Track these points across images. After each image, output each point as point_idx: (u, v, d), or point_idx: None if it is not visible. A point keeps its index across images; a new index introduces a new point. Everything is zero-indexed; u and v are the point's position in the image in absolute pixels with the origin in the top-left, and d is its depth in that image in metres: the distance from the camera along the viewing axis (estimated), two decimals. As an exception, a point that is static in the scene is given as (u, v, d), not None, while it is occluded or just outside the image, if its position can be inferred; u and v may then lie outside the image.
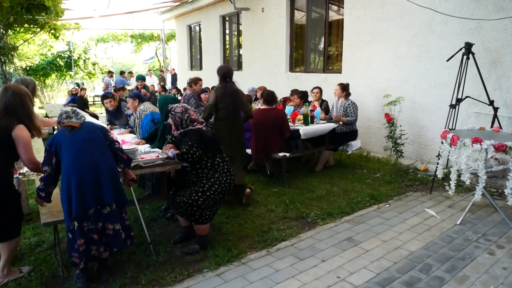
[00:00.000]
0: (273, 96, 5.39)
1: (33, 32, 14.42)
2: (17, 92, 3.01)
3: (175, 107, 3.60)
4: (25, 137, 2.96)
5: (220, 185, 3.54)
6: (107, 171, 2.98)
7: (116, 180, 3.04)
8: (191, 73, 14.83)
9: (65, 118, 3.06)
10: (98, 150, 3.02)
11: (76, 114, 3.08)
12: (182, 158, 3.47)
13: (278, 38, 9.37)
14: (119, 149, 3.14)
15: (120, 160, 3.14)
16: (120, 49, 22.91)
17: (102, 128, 3.17)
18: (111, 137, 3.18)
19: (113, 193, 2.99)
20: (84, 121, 3.10)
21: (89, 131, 3.07)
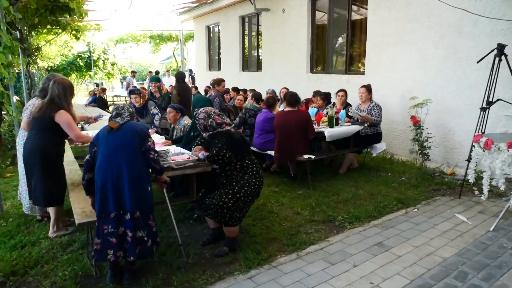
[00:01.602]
0: (297, 97, 5.36)
1: (55, 33, 14.65)
2: (60, 84, 3.67)
3: (198, 112, 3.61)
4: (67, 119, 3.65)
5: (250, 187, 3.53)
6: (131, 179, 2.98)
7: (139, 188, 3.01)
8: (210, 74, 14.89)
9: (112, 116, 3.13)
10: (126, 156, 3.01)
11: (122, 113, 3.11)
12: (212, 160, 3.47)
13: (298, 39, 9.33)
14: (153, 160, 3.08)
15: (153, 170, 3.13)
16: (138, 49, 23.16)
17: (142, 133, 3.10)
18: (148, 145, 3.09)
19: (135, 202, 3.00)
20: (126, 122, 3.11)
21: (125, 135, 3.06)
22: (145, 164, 3.08)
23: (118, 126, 3.10)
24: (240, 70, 12.46)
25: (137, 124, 3.20)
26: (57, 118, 3.63)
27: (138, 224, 3.03)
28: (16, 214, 4.59)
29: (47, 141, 3.71)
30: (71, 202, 3.59)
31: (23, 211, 4.65)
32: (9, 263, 3.38)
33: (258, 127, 5.91)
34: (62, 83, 3.71)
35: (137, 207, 3.02)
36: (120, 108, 3.16)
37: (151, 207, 3.11)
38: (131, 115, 3.19)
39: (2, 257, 3.49)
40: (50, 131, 3.70)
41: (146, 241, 3.05)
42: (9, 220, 4.36)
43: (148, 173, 3.11)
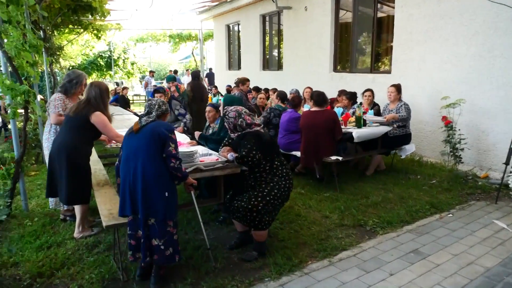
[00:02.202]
0: (324, 97, 5.20)
1: (77, 32, 14.79)
2: (97, 87, 3.76)
3: (229, 111, 3.49)
4: (103, 120, 3.73)
5: (280, 189, 3.40)
6: (144, 185, 2.88)
7: (153, 195, 2.89)
8: (229, 73, 14.82)
9: (141, 115, 3.05)
10: (142, 161, 2.90)
11: (150, 111, 3.02)
12: (241, 162, 3.35)
13: (322, 37, 9.15)
14: (173, 168, 2.91)
15: (174, 178, 2.99)
16: (157, 49, 23.28)
17: (162, 137, 2.92)
18: (169, 151, 2.90)
19: (147, 209, 2.89)
20: (149, 123, 3.01)
21: (143, 138, 2.95)
22: (164, 169, 2.92)
23: (139, 128, 3.01)
24: (260, 69, 12.34)
25: (160, 125, 2.99)
26: (93, 119, 3.69)
27: (153, 231, 2.94)
28: (41, 213, 4.57)
29: (77, 140, 3.72)
30: (97, 203, 3.53)
31: (48, 210, 4.64)
32: (36, 264, 3.33)
33: (282, 127, 5.78)
34: (99, 86, 3.80)
35: (150, 214, 2.92)
36: (151, 106, 3.07)
37: (170, 214, 2.96)
38: (163, 113, 3.09)
39: (28, 258, 3.45)
40: (82, 130, 3.73)
41: (164, 249, 2.95)
42: (34, 220, 4.33)
43: (168, 179, 2.95)
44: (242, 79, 6.80)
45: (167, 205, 2.93)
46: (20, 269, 3.28)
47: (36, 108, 4.14)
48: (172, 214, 2.97)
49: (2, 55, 4.19)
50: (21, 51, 4.08)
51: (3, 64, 4.22)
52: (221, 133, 4.12)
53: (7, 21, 4.10)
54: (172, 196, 2.98)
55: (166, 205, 2.92)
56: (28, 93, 3.97)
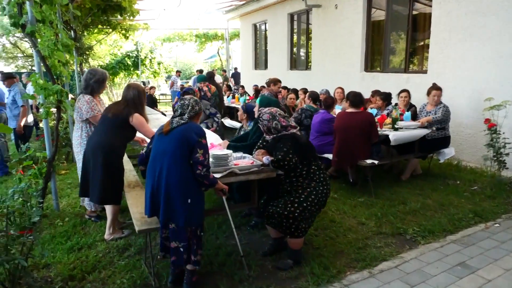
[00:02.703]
0: (361, 97, 4.98)
1: (106, 32, 14.99)
2: (135, 89, 3.80)
3: (263, 113, 3.35)
4: (142, 122, 3.78)
5: (317, 195, 3.24)
6: (166, 190, 2.80)
7: (175, 201, 2.79)
8: (255, 73, 14.70)
9: (174, 115, 2.97)
10: (167, 164, 2.81)
11: (183, 113, 2.92)
12: (277, 165, 3.20)
13: (352, 35, 8.89)
14: (199, 176, 2.79)
15: (201, 185, 2.86)
16: (182, 48, 23.42)
17: (190, 142, 2.79)
18: (196, 157, 2.77)
19: (167, 214, 2.82)
20: (180, 125, 2.90)
21: (170, 141, 2.85)
22: (189, 175, 2.81)
23: (168, 130, 2.91)
24: (287, 69, 12.16)
25: (190, 129, 2.86)
26: (133, 121, 3.73)
27: (173, 235, 2.88)
28: (72, 213, 4.56)
29: (114, 140, 3.71)
30: (129, 205, 3.46)
31: (78, 210, 4.62)
32: (67, 266, 3.29)
33: (314, 129, 5.59)
34: (137, 88, 3.83)
35: (169, 219, 2.85)
36: (184, 107, 2.96)
37: (192, 221, 2.84)
38: (196, 113, 2.97)
39: (60, 260, 3.41)
40: (120, 131, 3.75)
41: (183, 252, 2.87)
42: (65, 220, 4.32)
43: (192, 185, 2.83)
44: (273, 80, 6.64)
45: (189, 212, 2.82)
46: (52, 271, 3.24)
47: (68, 108, 4.12)
48: (194, 221, 2.85)
49: (35, 54, 4.18)
50: (54, 51, 4.07)
51: (37, 63, 4.22)
52: (253, 137, 3.96)
53: (40, 20, 4.10)
54: (196, 203, 2.85)
55: (188, 212, 2.82)
56: (61, 92, 3.95)
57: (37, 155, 4.43)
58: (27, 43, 18.57)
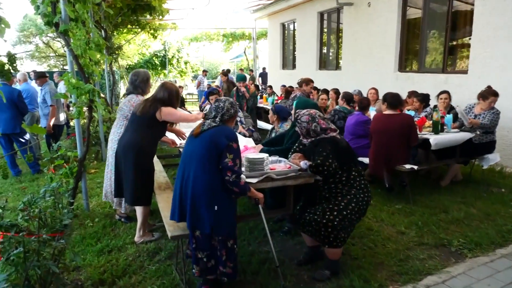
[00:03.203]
0: (399, 99, 4.73)
1: (135, 32, 15.14)
2: (167, 90, 3.66)
3: (301, 114, 3.17)
4: (170, 111, 3.60)
5: (358, 203, 3.04)
6: (192, 195, 2.67)
7: (201, 207, 2.65)
8: (283, 72, 14.51)
9: (207, 117, 2.84)
10: (195, 169, 2.69)
11: (216, 116, 2.79)
12: (315, 171, 3.02)
13: (386, 34, 8.57)
14: (228, 182, 2.63)
15: (231, 192, 2.70)
16: (209, 48, 23.46)
17: (220, 146, 2.65)
18: (225, 163, 2.62)
19: (193, 221, 2.68)
20: (211, 128, 2.77)
21: (201, 143, 2.73)
22: (217, 181, 2.66)
23: (199, 133, 2.78)
24: (316, 69, 11.91)
25: (221, 132, 2.72)
26: (162, 115, 3.57)
27: (199, 243, 2.74)
28: (102, 213, 4.52)
29: (144, 139, 3.59)
30: (160, 209, 3.36)
31: (108, 211, 4.58)
32: (97, 270, 3.22)
33: (348, 131, 5.37)
34: (169, 89, 3.68)
35: (196, 227, 2.71)
36: (218, 109, 2.82)
37: (218, 230, 2.69)
38: (230, 117, 2.84)
39: (90, 262, 3.35)
40: (149, 129, 3.62)
41: (206, 262, 2.74)
42: (95, 220, 4.28)
43: (220, 191, 2.68)
44: (305, 80, 6.45)
45: (215, 219, 2.67)
46: (82, 274, 3.18)
47: (100, 107, 4.06)
48: (221, 230, 2.70)
49: (68, 53, 4.16)
50: (87, 50, 4.03)
51: (69, 62, 4.19)
52: (289, 141, 3.78)
53: (73, 19, 4.07)
54: (225, 211, 2.70)
55: (214, 219, 2.66)
56: (93, 92, 3.90)
57: (68, 154, 4.41)
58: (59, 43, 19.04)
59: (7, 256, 2.51)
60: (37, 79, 7.24)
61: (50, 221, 2.89)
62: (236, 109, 2.89)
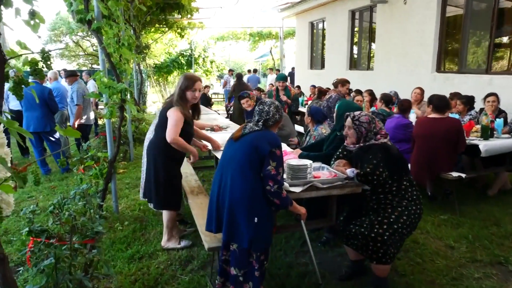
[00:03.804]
0: (447, 102, 4.40)
1: (162, 31, 15.17)
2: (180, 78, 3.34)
3: (358, 115, 2.93)
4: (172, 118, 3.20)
5: (409, 216, 2.78)
6: (230, 205, 2.46)
7: (239, 219, 2.44)
8: (311, 72, 14.21)
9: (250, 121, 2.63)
10: (233, 175, 2.48)
11: (259, 120, 2.58)
12: (364, 180, 2.77)
13: (423, 33, 8.17)
14: (269, 192, 2.41)
15: (271, 204, 2.48)
16: (234, 47, 23.37)
17: (261, 152, 2.43)
18: (267, 171, 2.40)
19: (230, 233, 2.47)
20: (252, 132, 2.57)
21: (241, 148, 2.53)
22: (258, 191, 2.44)
23: (239, 136, 2.58)
24: (346, 69, 11.56)
25: (264, 137, 2.51)
26: (168, 113, 3.26)
27: (233, 258, 2.54)
28: (131, 216, 4.39)
29: (160, 139, 3.33)
30: (194, 216, 3.20)
31: (138, 214, 4.45)
32: (128, 278, 3.07)
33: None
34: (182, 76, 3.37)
35: (232, 239, 2.51)
36: (262, 113, 2.62)
37: (257, 245, 2.47)
38: (275, 122, 2.63)
39: (121, 270, 3.21)
40: (164, 129, 3.27)
41: (242, 282, 2.52)
42: (124, 224, 4.15)
43: (261, 202, 2.46)
44: (341, 80, 6.17)
45: (254, 233, 2.44)
46: (113, 283, 3.04)
47: (132, 108, 3.93)
48: (259, 245, 2.47)
49: (100, 51, 4.04)
50: (119, 48, 3.90)
51: (101, 61, 4.08)
52: (330, 147, 3.54)
53: (106, 16, 3.95)
54: (264, 223, 2.47)
55: (254, 233, 2.44)
56: (125, 91, 3.77)
57: (98, 155, 4.30)
58: (88, 42, 19.33)
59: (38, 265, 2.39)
60: (67, 78, 7.23)
61: (80, 225, 2.77)
62: (282, 113, 2.68)
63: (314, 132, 4.21)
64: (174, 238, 3.61)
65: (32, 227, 2.67)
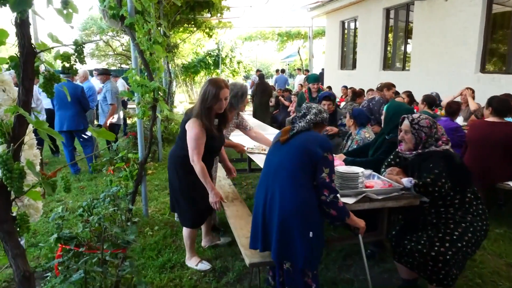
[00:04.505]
0: (508, 105, 4.00)
1: (190, 31, 15.10)
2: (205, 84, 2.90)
3: (418, 118, 2.62)
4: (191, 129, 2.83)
5: (474, 233, 2.46)
6: (280, 218, 2.19)
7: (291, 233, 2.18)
8: (341, 73, 13.82)
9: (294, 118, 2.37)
10: (282, 184, 2.20)
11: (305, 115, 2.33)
12: (423, 191, 2.47)
13: (466, 31, 7.69)
14: (324, 203, 2.16)
15: (326, 215, 2.22)
16: (261, 47, 23.13)
17: (314, 156, 2.17)
18: (322, 178, 2.15)
19: (282, 250, 2.20)
20: (301, 131, 2.31)
21: (290, 152, 2.26)
22: (312, 201, 2.19)
23: (287, 139, 2.31)
24: (379, 69, 11.13)
25: (314, 139, 2.24)
26: (187, 126, 2.91)
27: (288, 279, 2.27)
28: (161, 221, 4.21)
29: (182, 150, 3.00)
30: (231, 226, 2.97)
31: (168, 218, 4.27)
32: (160, 290, 2.87)
33: (433, 139, 4.70)
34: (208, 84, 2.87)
35: (284, 257, 2.24)
36: (309, 109, 2.36)
37: (312, 263, 2.23)
38: (321, 121, 2.37)
39: (152, 280, 3.01)
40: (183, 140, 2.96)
41: None
42: (154, 229, 3.97)
43: (316, 214, 2.21)
44: (387, 84, 5.78)
45: (310, 249, 2.18)
46: (144, 294, 2.83)
47: (165, 107, 3.74)
48: (315, 262, 2.23)
49: (133, 48, 3.88)
50: (152, 45, 3.73)
51: (134, 58, 3.92)
52: (379, 152, 3.23)
53: (140, 12, 3.79)
54: (318, 237, 2.21)
55: (309, 249, 2.18)
56: (158, 90, 3.58)
57: (129, 156, 4.14)
58: (117, 41, 19.53)
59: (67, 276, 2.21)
60: (99, 76, 7.19)
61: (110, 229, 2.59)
62: (327, 117, 2.41)
63: (357, 136, 3.91)
64: (193, 256, 3.26)
65: (61, 233, 2.51)
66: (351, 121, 4.02)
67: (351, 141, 4.03)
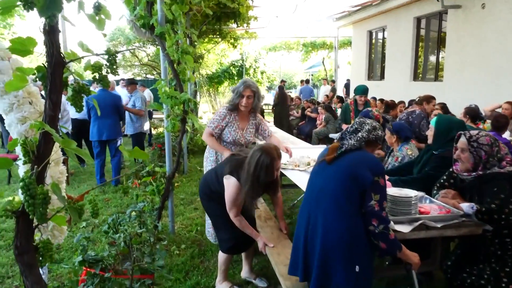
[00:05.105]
0: None
1: (215, 42, 15.12)
2: (263, 155, 2.54)
3: (476, 135, 2.35)
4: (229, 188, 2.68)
5: (546, 267, 2.14)
6: (323, 248, 1.95)
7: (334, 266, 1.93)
8: (368, 83, 13.45)
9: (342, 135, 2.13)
10: (326, 211, 1.97)
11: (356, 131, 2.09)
12: (486, 218, 2.18)
13: (505, 40, 7.30)
14: (372, 234, 1.91)
15: (374, 247, 1.97)
16: (285, 57, 23.00)
17: (363, 180, 1.93)
18: (370, 207, 1.91)
19: (324, 282, 1.95)
20: (349, 150, 2.06)
21: (335, 175, 2.02)
22: (359, 231, 1.94)
23: (333, 158, 2.07)
24: (410, 80, 10.76)
25: (363, 160, 2.01)
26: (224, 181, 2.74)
27: None
28: (188, 238, 4.02)
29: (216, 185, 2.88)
30: (268, 253, 2.71)
31: (195, 236, 4.08)
32: (189, 318, 2.65)
33: (479, 156, 4.36)
34: (265, 154, 2.54)
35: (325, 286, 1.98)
36: (362, 124, 2.12)
37: None
38: (376, 139, 2.12)
39: (179, 305, 2.81)
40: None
41: None
42: (181, 247, 3.78)
43: (364, 245, 1.96)
44: (427, 97, 5.47)
45: (355, 284, 1.92)
46: (172, 323, 2.63)
47: (195, 120, 3.58)
48: None
49: (163, 59, 3.75)
50: (182, 55, 3.58)
51: (163, 69, 3.78)
52: (425, 168, 2.94)
53: (170, 21, 3.66)
54: (366, 272, 1.96)
55: (355, 284, 1.92)
56: (189, 102, 3.42)
57: (156, 170, 3.99)
58: (143, 52, 19.76)
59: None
60: (127, 86, 7.18)
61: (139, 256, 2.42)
62: (383, 135, 2.16)
63: (398, 153, 3.63)
64: (225, 281, 3.04)
65: (85, 256, 2.35)
66: (394, 137, 3.73)
67: (392, 157, 3.76)
